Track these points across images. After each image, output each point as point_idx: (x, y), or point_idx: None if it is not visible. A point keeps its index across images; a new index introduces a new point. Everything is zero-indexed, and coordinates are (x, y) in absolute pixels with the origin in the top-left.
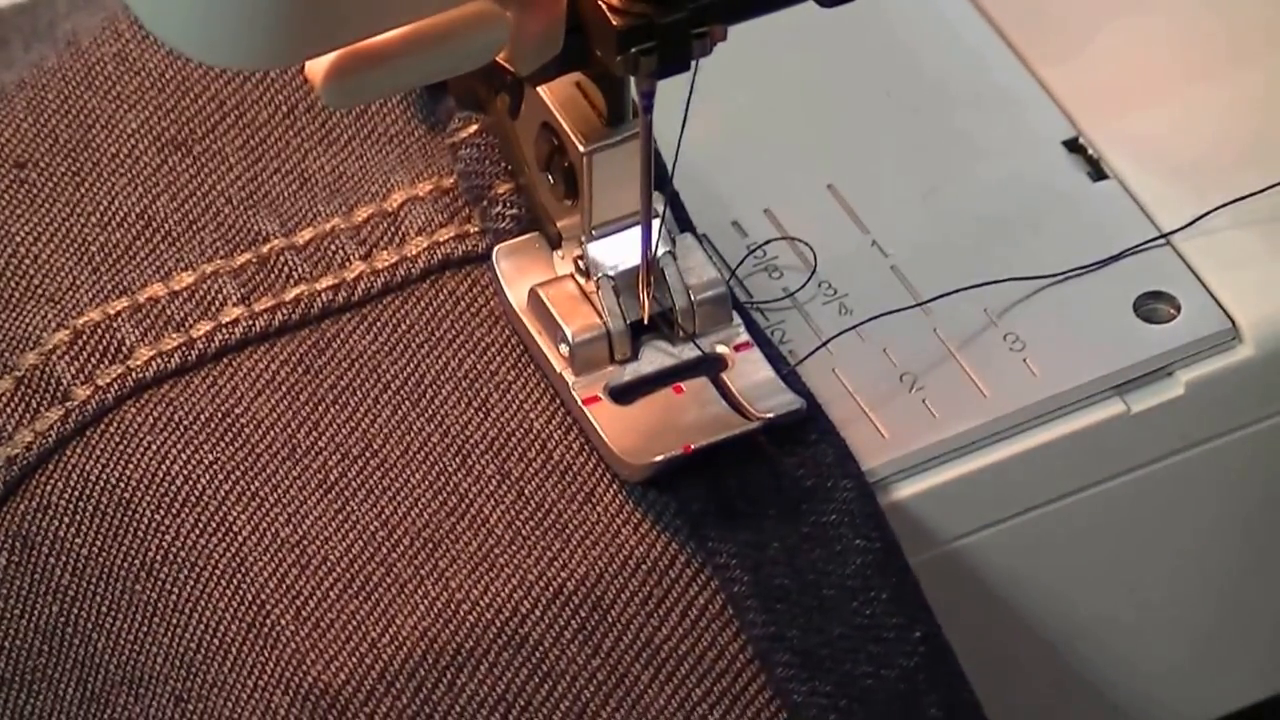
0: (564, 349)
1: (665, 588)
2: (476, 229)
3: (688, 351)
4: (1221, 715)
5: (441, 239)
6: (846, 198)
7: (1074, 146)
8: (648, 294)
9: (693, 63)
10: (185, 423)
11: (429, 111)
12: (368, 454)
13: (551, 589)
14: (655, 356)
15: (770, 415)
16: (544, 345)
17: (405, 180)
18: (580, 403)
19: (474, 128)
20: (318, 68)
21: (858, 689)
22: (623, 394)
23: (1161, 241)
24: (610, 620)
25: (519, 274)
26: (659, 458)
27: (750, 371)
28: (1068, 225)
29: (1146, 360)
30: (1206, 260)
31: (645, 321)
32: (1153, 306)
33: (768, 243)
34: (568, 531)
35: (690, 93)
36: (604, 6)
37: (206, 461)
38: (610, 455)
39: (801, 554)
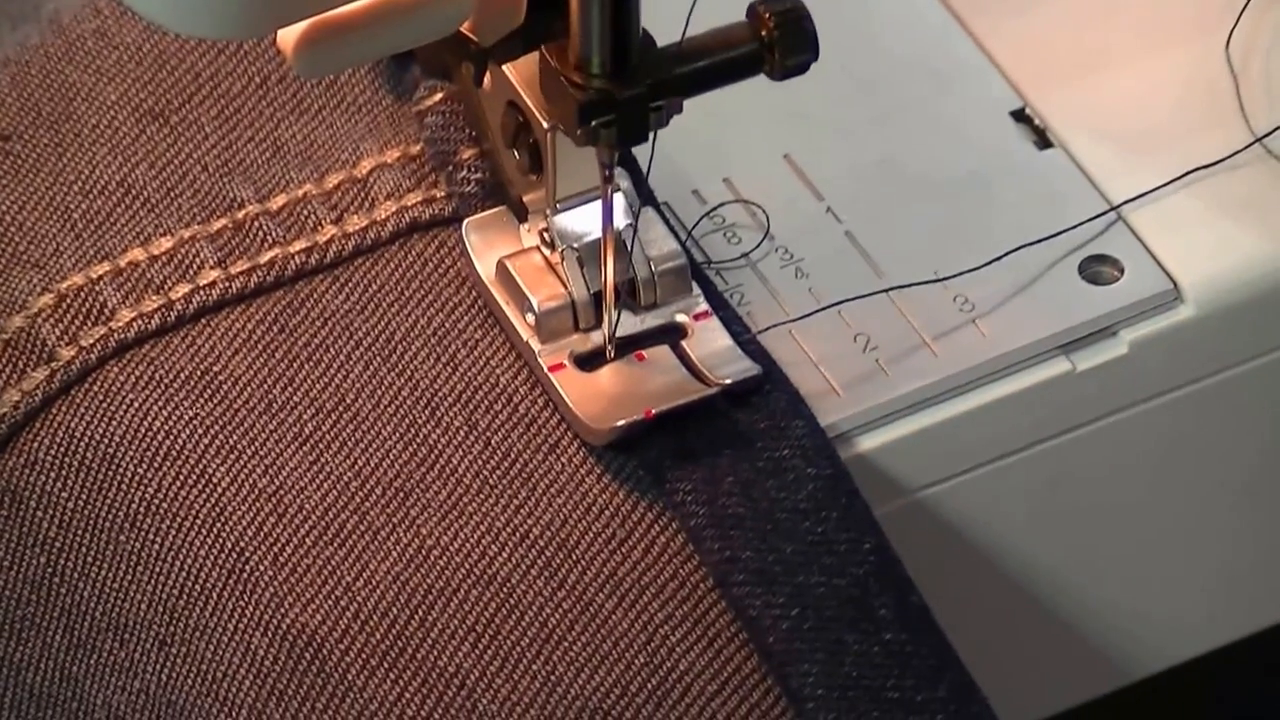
0: (530, 318)
1: (628, 529)
2: (443, 193)
3: (649, 321)
4: (1170, 666)
5: (409, 203)
6: (802, 167)
7: (1020, 116)
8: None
9: (650, 134)
10: (166, 381)
11: (396, 81)
12: (341, 408)
13: (518, 534)
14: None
15: (728, 381)
16: (511, 314)
17: (374, 147)
18: (546, 369)
19: (439, 96)
20: (288, 38)
21: (810, 598)
22: (587, 361)
23: (1110, 211)
24: (575, 557)
25: (487, 246)
26: (621, 422)
27: (709, 339)
28: (1015, 192)
29: (1091, 320)
30: (1149, 224)
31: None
32: (1097, 269)
33: (720, 205)
34: (533, 481)
35: (652, 154)
36: (565, 81)
37: (187, 417)
38: (575, 420)
39: (756, 485)
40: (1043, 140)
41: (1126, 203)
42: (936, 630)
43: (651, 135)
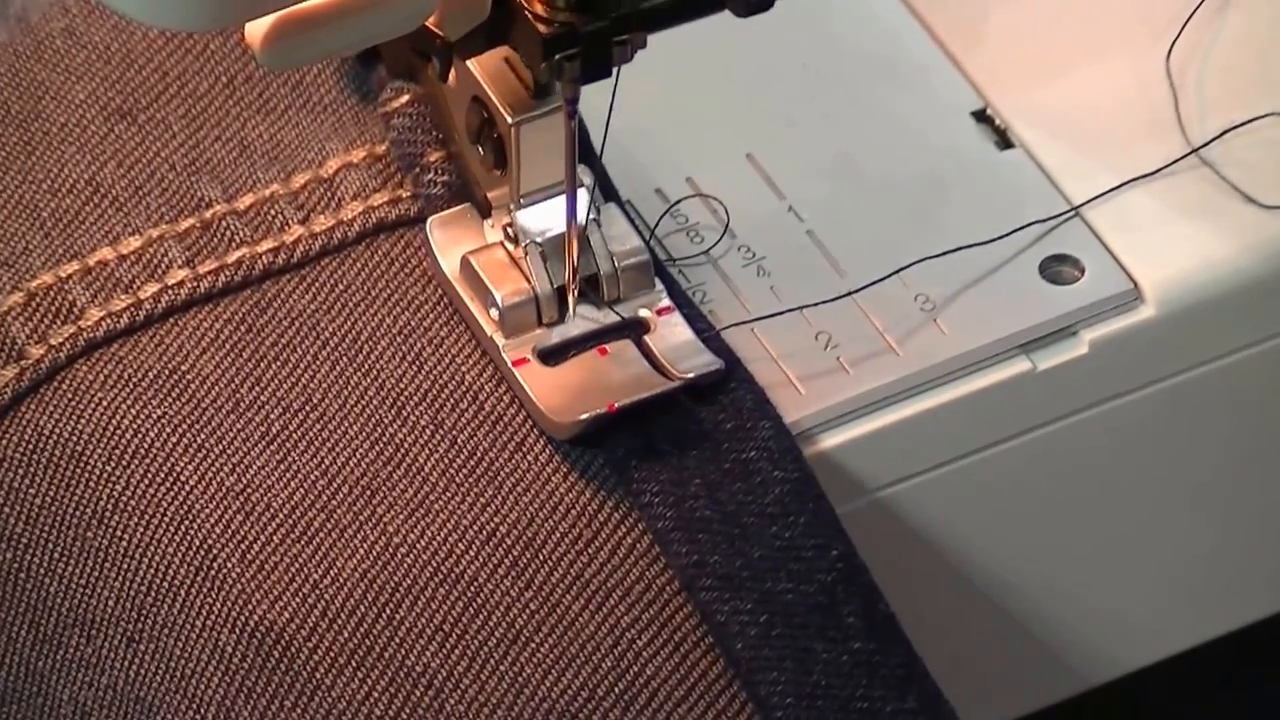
0: (494, 313)
1: (595, 529)
2: (409, 194)
3: (612, 316)
4: (1134, 668)
5: (375, 203)
6: (764, 165)
7: (982, 117)
8: (574, 261)
9: (614, 69)
10: (134, 379)
11: (361, 80)
12: (308, 407)
13: (485, 532)
14: (581, 320)
15: (691, 375)
16: (475, 310)
17: (340, 147)
18: (510, 364)
19: (406, 98)
20: (256, 30)
21: (778, 604)
22: (550, 356)
23: (1070, 212)
24: (542, 558)
25: (451, 243)
26: (584, 416)
27: (671, 334)
28: (976, 192)
29: (1052, 320)
30: (1110, 224)
31: (571, 289)
32: (1058, 269)
33: (680, 201)
34: (500, 479)
35: (614, 94)
36: (529, 15)
37: (155, 416)
38: (538, 414)
39: (723, 488)
40: (1004, 141)
41: (1087, 203)
42: (904, 639)
43: (615, 72)
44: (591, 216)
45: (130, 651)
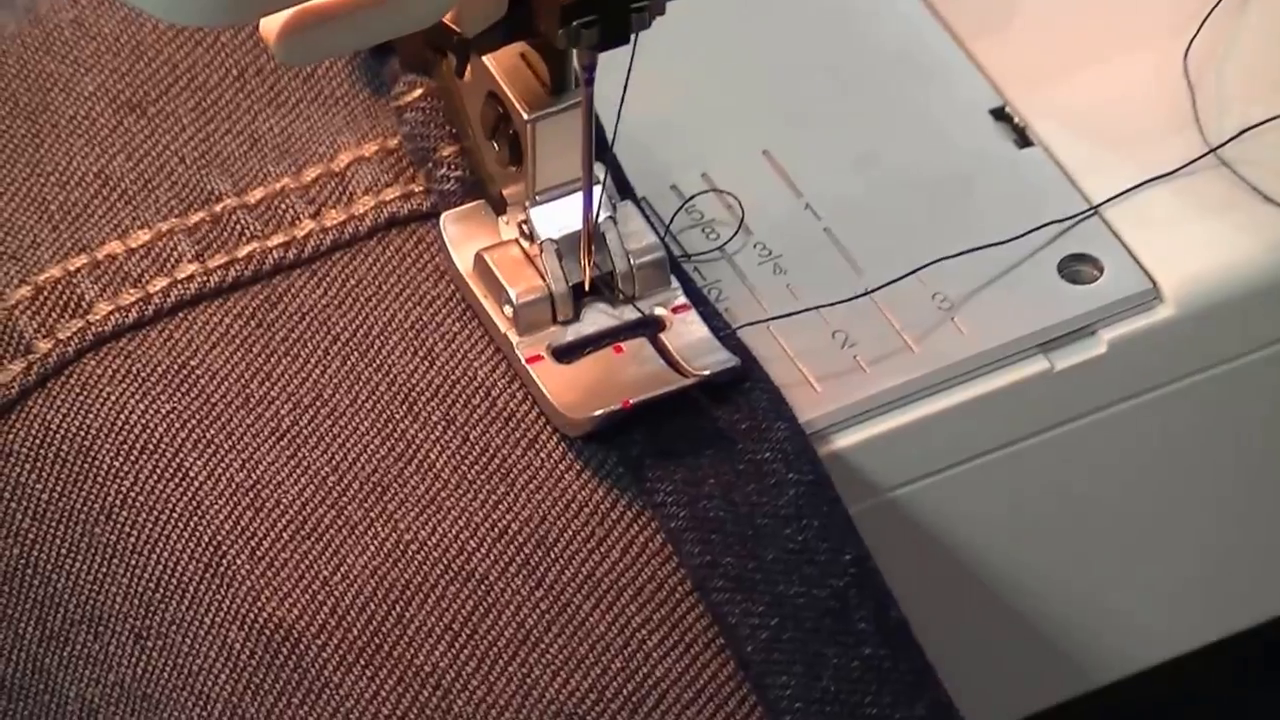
0: (508, 310)
1: (607, 528)
2: (421, 188)
3: (628, 313)
4: (1148, 666)
5: (388, 198)
6: (781, 162)
7: (1000, 115)
8: (589, 259)
9: (632, 36)
10: (143, 374)
11: (373, 74)
12: (318, 403)
13: (497, 530)
14: (596, 318)
15: (706, 372)
16: (489, 307)
17: (352, 141)
18: (524, 361)
19: (419, 92)
20: (271, 26)
21: (790, 608)
22: (565, 353)
23: (1089, 211)
24: (553, 556)
25: (465, 239)
26: (599, 412)
27: (687, 332)
28: (994, 190)
29: (1070, 320)
30: (1129, 223)
31: (586, 286)
32: (1077, 268)
33: (693, 197)
34: (512, 476)
35: (630, 64)
36: None
37: (164, 411)
38: (552, 411)
39: (736, 489)
40: (1022, 139)
41: (1106, 202)
42: (915, 646)
43: (632, 39)
44: (607, 214)
45: (138, 648)
